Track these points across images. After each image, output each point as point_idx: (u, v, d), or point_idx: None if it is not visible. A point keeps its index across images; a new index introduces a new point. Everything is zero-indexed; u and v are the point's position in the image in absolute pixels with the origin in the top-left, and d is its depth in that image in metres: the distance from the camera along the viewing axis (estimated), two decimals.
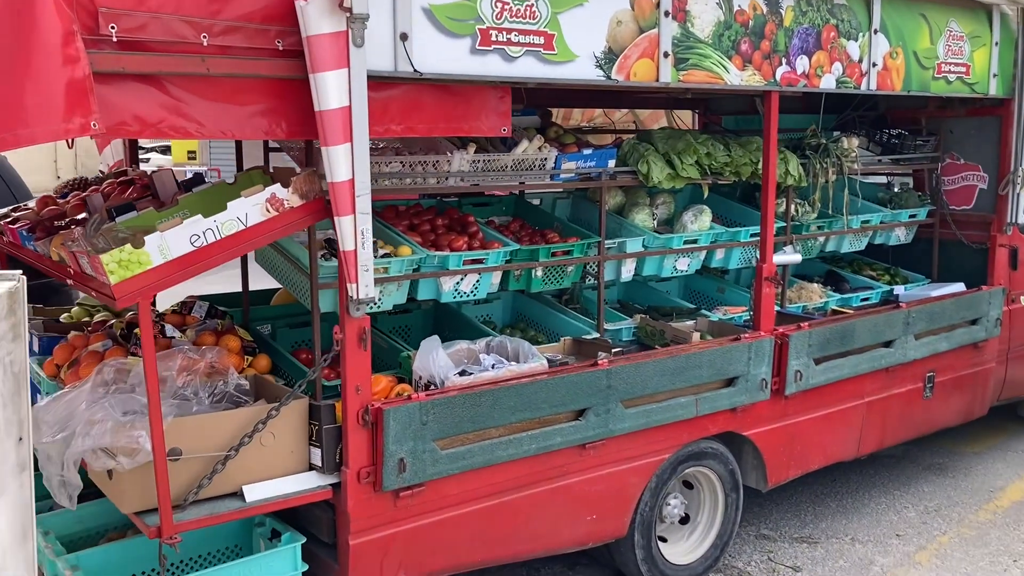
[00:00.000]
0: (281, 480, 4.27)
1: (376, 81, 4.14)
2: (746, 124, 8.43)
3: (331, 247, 4.97)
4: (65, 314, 6.25)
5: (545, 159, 5.43)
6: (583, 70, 4.75)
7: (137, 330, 4.90)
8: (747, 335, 5.76)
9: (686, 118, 9.62)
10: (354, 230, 4.02)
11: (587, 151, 5.58)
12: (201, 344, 4.98)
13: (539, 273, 5.59)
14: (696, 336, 5.69)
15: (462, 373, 4.83)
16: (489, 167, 5.22)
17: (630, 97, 8.16)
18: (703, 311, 6.53)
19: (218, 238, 3.90)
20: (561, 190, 6.51)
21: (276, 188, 4.02)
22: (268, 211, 4.01)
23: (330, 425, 4.31)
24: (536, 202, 6.56)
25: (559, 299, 6.56)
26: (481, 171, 5.20)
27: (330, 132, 3.92)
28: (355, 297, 4.10)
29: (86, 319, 6.10)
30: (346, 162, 3.95)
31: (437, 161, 5.03)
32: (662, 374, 5.28)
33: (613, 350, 5.33)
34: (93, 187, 5.80)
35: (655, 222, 6.35)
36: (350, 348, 4.22)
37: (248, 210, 3.97)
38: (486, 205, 6.29)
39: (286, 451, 4.30)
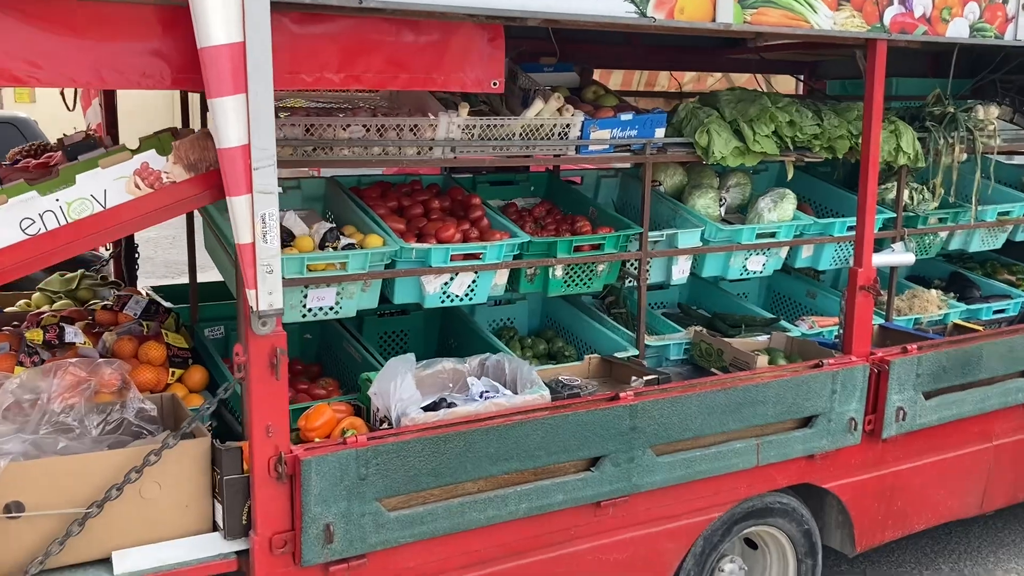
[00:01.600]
0: (168, 545, 3.21)
1: (302, 11, 3.01)
2: (859, 91, 6.94)
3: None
4: (23, 300, 5.37)
5: (568, 126, 4.18)
6: (606, 2, 3.49)
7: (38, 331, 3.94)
8: (832, 360, 4.39)
9: (786, 88, 8.13)
10: (251, 216, 2.91)
11: (625, 116, 4.31)
12: (119, 353, 3.98)
13: (558, 272, 4.36)
14: (763, 360, 4.37)
15: (434, 406, 3.68)
16: (489, 135, 4.02)
17: (702, 56, 6.76)
18: (783, 323, 5.16)
19: (63, 223, 2.85)
20: (604, 168, 5.25)
21: (149, 156, 2.94)
22: (138, 187, 2.94)
23: (234, 475, 3.22)
24: (577, 181, 5.31)
25: (603, 301, 5.32)
26: (478, 140, 4.00)
27: (214, 78, 2.82)
28: (255, 308, 2.99)
29: (44, 308, 5.21)
30: (238, 120, 2.84)
31: (415, 126, 3.86)
32: (710, 412, 3.99)
33: (645, 378, 4.07)
34: (48, 154, 4.88)
35: (723, 209, 5.02)
36: (256, 376, 3.11)
37: (108, 186, 2.91)
38: (509, 184, 5.08)
39: (178, 506, 3.25)
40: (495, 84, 3.47)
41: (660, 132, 4.43)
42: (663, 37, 6.25)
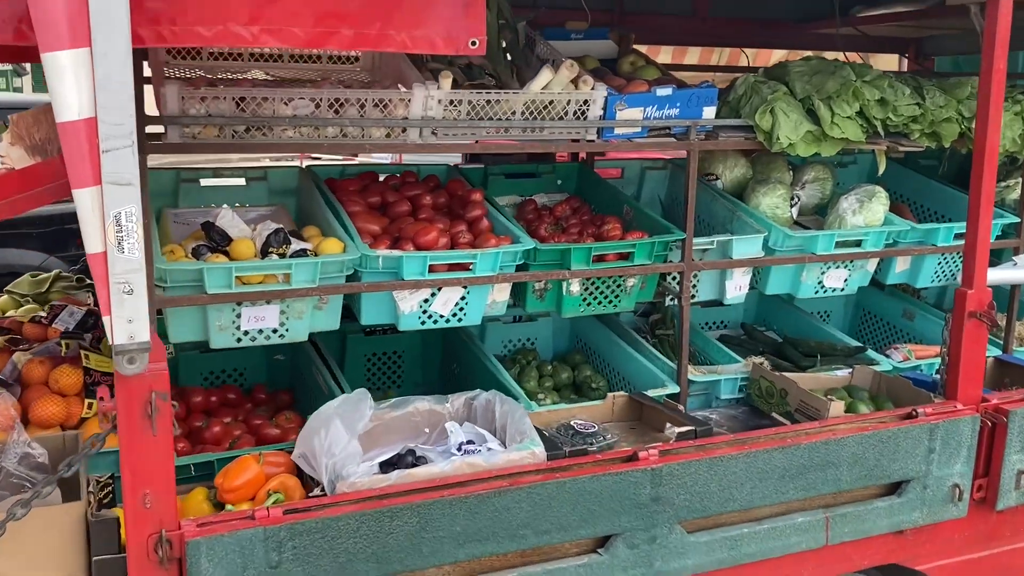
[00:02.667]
0: None
1: None
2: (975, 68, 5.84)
3: (210, 234, 3.10)
4: None
5: (586, 103, 3.28)
6: None
7: None
8: (930, 409, 3.37)
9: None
10: (100, 216, 2.11)
11: (663, 91, 3.37)
12: (28, 379, 3.27)
13: (574, 288, 3.46)
14: (837, 407, 3.38)
15: (394, 462, 2.84)
16: (482, 113, 3.15)
17: (783, 31, 5.72)
18: (870, 353, 4.14)
19: None
20: (648, 157, 4.32)
21: None
22: None
23: (107, 555, 2.45)
24: (616, 174, 4.40)
25: (647, 320, 4.41)
26: (466, 120, 3.13)
27: (44, 27, 2.03)
28: (111, 341, 2.19)
29: (10, 312, 4.57)
30: (77, 84, 2.05)
31: (382, 101, 3.01)
32: (763, 477, 3.04)
33: (678, 429, 3.14)
34: None
35: (794, 210, 4.03)
36: (127, 429, 2.32)
37: None
38: (530, 176, 4.19)
39: None
40: (474, 44, 2.59)
41: (709, 112, 3.48)
42: (735, 6, 5.27)
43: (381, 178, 3.77)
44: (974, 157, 3.37)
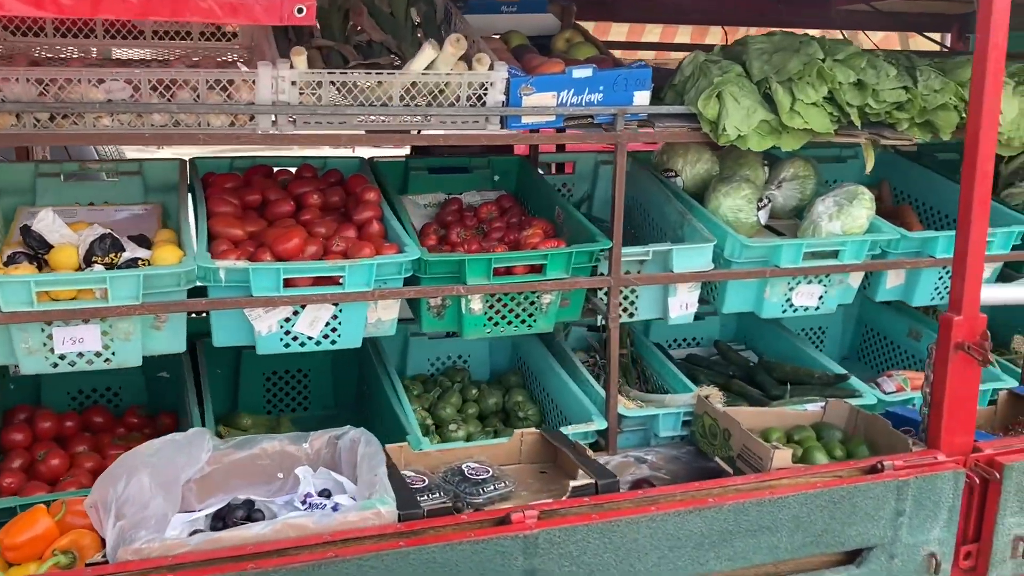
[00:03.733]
0: None
1: None
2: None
3: (27, 239, 2.66)
4: None
5: (483, 86, 2.74)
6: None
7: None
8: (900, 461, 2.76)
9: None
10: None
11: (580, 72, 2.81)
12: None
13: (475, 306, 2.93)
14: (783, 456, 2.78)
15: (220, 519, 2.37)
16: (351, 99, 2.63)
17: (799, 6, 5.07)
18: (853, 381, 3.52)
19: None
20: (599, 149, 3.76)
21: None
22: None
23: None
24: (567, 169, 3.84)
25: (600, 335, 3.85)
26: (330, 105, 2.62)
27: None
28: None
29: None
30: None
31: (221, 83, 2.52)
32: (675, 546, 2.48)
33: (572, 483, 2.59)
34: None
35: (763, 213, 3.42)
36: None
37: None
38: (462, 172, 3.66)
39: None
40: (300, 12, 2.09)
41: (642, 97, 2.91)
42: None
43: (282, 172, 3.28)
44: (965, 150, 2.73)
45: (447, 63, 2.69)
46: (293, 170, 3.27)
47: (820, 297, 3.34)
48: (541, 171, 3.84)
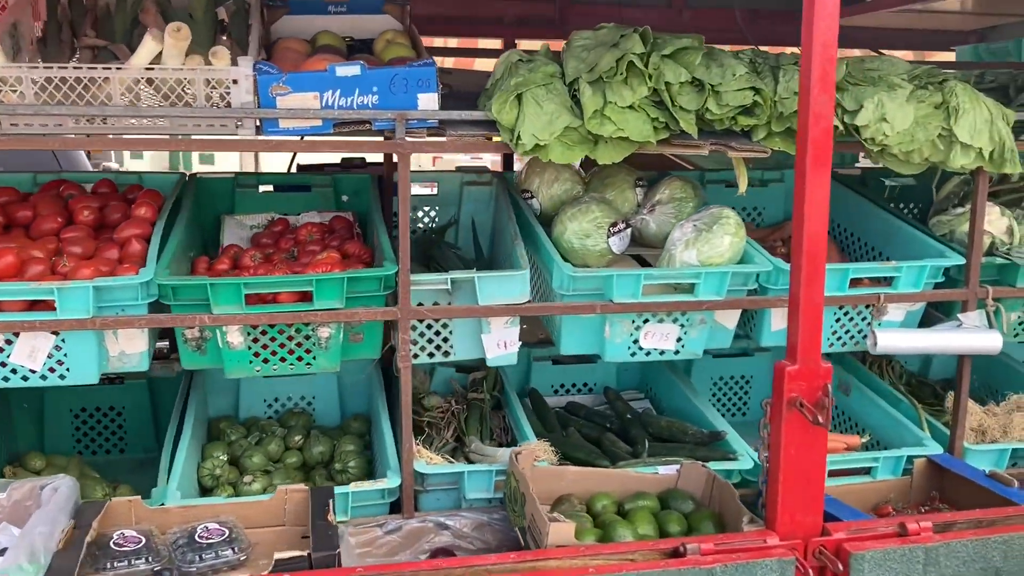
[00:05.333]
0: None
1: None
2: None
3: None
4: None
5: (226, 84, 2.37)
6: None
7: None
8: (711, 544, 2.22)
9: None
10: None
11: (346, 70, 2.41)
12: None
13: (233, 339, 2.53)
14: (563, 532, 2.27)
15: None
16: (62, 97, 2.30)
17: (780, 23, 4.60)
18: (730, 441, 2.97)
19: None
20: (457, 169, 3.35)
21: None
22: None
23: None
24: (429, 189, 3.44)
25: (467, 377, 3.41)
26: (33, 106, 2.29)
27: None
28: None
29: None
30: None
31: None
32: None
33: (278, 555, 2.15)
34: None
35: (618, 239, 2.91)
36: None
37: None
38: (303, 190, 3.30)
39: None
40: None
41: (428, 100, 2.49)
42: None
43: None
44: (796, 160, 2.21)
45: (176, 57, 2.33)
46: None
47: (678, 339, 2.82)
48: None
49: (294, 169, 3.91)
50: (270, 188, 3.36)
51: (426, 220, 3.41)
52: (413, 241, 3.36)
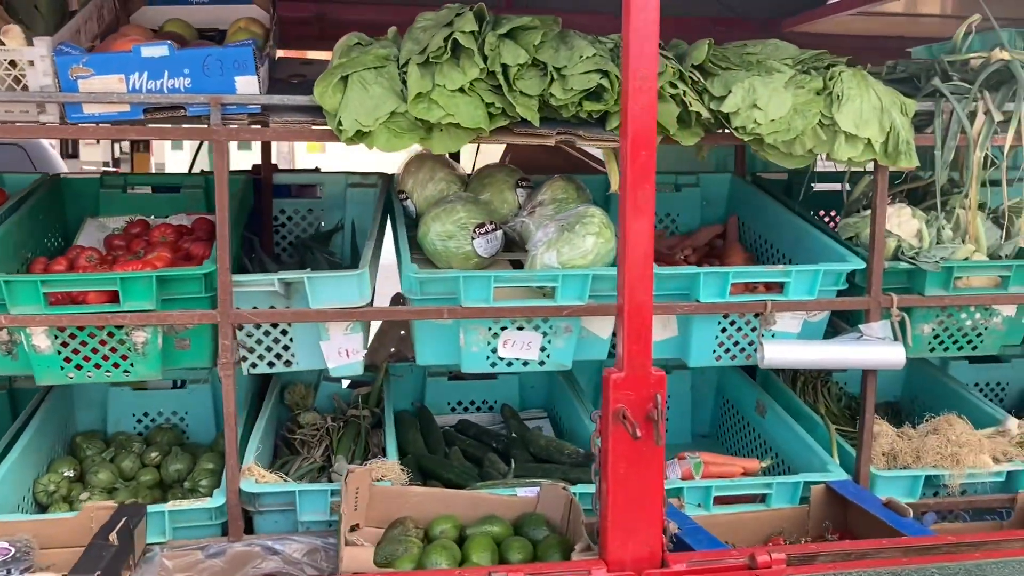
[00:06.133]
0: None
1: None
2: None
3: None
4: None
5: (21, 66, 2.20)
6: None
7: None
8: (523, 573, 1.96)
9: None
10: None
11: (152, 50, 2.24)
12: None
13: (39, 342, 2.35)
14: (358, 555, 2.03)
15: None
16: None
17: (744, 31, 4.37)
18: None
19: None
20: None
21: None
22: None
23: None
24: (313, 192, 3.25)
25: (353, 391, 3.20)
26: None
27: None
28: None
29: None
30: None
31: None
32: None
33: None
34: None
35: (481, 240, 2.66)
36: None
37: None
38: (172, 191, 3.13)
39: None
40: None
41: (247, 84, 2.30)
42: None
43: None
44: (620, 158, 1.97)
45: None
46: None
47: (542, 348, 2.57)
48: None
49: (196, 168, 3.76)
50: (148, 189, 3.22)
51: (306, 225, 3.22)
52: (294, 247, 3.19)
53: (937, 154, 2.53)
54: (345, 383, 3.33)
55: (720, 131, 2.44)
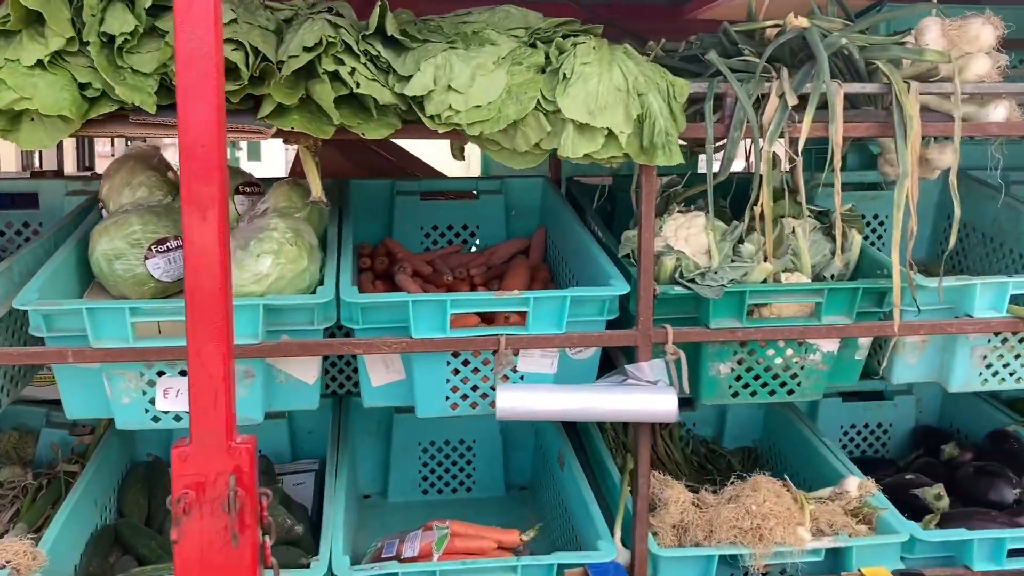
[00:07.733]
0: None
1: None
2: None
3: None
4: None
5: None
6: None
7: None
8: None
9: None
10: None
11: None
12: None
13: None
14: None
15: None
16: None
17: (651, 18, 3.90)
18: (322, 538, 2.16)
19: None
20: None
21: None
22: None
23: None
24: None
25: None
26: None
27: None
28: None
29: None
30: None
31: None
32: None
33: None
34: None
35: (155, 261, 2.15)
36: None
37: None
38: None
39: None
40: None
41: None
42: None
43: None
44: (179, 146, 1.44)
45: None
46: None
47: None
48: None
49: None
50: None
51: (22, 240, 2.72)
52: None
53: (708, 147, 1.97)
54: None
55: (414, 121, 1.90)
